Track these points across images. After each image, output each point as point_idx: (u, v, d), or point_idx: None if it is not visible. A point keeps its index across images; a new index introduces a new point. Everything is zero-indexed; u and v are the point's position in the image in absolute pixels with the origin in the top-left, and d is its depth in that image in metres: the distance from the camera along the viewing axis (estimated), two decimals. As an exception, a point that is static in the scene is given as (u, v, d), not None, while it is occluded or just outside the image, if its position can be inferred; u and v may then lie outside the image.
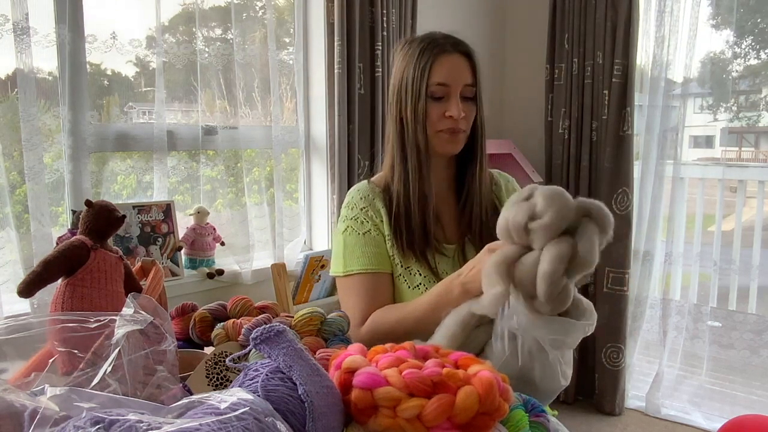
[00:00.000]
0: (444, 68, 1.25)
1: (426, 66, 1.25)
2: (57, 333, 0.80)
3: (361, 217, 1.31)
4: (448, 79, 1.25)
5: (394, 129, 1.31)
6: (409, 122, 1.27)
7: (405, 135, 1.29)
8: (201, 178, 2.17)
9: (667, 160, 2.75)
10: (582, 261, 0.91)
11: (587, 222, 0.93)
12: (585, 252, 0.91)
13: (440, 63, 1.25)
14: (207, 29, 2.18)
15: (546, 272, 0.90)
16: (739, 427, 1.42)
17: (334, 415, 0.68)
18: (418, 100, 1.26)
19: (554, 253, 0.90)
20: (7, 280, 1.70)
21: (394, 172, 1.32)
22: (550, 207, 0.92)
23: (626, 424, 2.77)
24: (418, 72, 1.25)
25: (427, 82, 1.25)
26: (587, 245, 0.91)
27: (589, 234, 0.92)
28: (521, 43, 3.14)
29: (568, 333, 0.94)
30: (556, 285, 0.90)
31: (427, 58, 1.25)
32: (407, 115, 1.28)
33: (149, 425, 0.53)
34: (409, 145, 1.29)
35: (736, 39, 2.88)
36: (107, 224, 1.06)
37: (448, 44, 1.27)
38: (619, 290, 2.77)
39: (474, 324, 1.00)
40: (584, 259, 0.91)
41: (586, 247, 0.91)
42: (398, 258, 1.29)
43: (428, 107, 1.26)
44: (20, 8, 1.60)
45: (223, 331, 1.01)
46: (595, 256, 0.92)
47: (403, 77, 1.29)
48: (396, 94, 1.30)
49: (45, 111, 1.78)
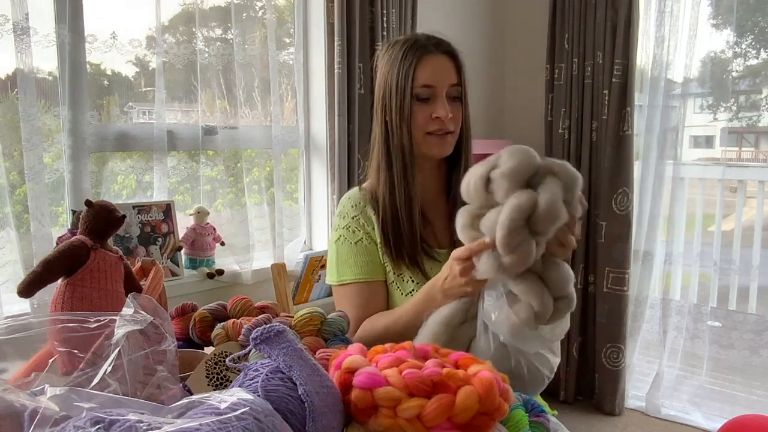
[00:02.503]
0: (428, 69, 1.24)
1: (410, 68, 1.23)
2: (57, 333, 0.80)
3: (352, 226, 1.30)
4: (433, 80, 1.24)
5: (380, 132, 1.29)
6: (395, 126, 1.26)
7: (390, 139, 1.27)
8: (201, 178, 2.17)
9: (667, 160, 2.75)
10: (543, 214, 0.88)
11: (550, 177, 0.92)
12: (546, 204, 0.88)
13: (424, 64, 1.24)
14: (207, 29, 2.18)
15: (503, 221, 0.89)
16: (739, 427, 1.42)
17: (334, 415, 0.68)
18: (403, 103, 1.24)
19: (513, 202, 0.89)
20: (7, 280, 1.70)
21: (380, 177, 1.30)
22: (510, 158, 0.92)
23: (626, 424, 2.77)
24: (402, 74, 1.24)
25: (412, 84, 1.23)
26: (548, 197, 0.89)
27: (550, 187, 0.90)
28: (521, 43, 3.14)
29: (535, 346, 0.95)
30: (514, 235, 0.88)
31: (410, 60, 1.24)
32: (392, 119, 1.26)
33: (149, 425, 0.53)
34: (394, 150, 1.27)
35: (736, 39, 2.88)
36: (107, 224, 1.06)
37: (431, 44, 1.26)
38: (619, 290, 2.77)
39: (458, 322, 1.01)
40: (545, 211, 0.88)
41: (546, 199, 0.88)
42: (390, 265, 1.28)
43: (414, 109, 1.24)
44: (20, 8, 1.60)
45: (223, 331, 1.01)
46: (558, 211, 0.89)
47: (387, 80, 1.27)
48: (381, 98, 1.29)
49: (45, 111, 1.78)
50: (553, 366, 1.02)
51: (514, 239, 0.89)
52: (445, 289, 1.06)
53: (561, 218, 0.90)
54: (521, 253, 0.89)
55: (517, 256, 0.89)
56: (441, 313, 1.02)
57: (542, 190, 0.90)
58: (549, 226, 0.90)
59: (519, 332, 0.92)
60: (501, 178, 0.90)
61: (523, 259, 0.90)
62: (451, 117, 1.25)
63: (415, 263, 1.27)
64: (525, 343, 0.94)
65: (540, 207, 0.89)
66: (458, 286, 1.01)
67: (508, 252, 0.89)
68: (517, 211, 0.88)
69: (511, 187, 0.90)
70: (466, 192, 0.96)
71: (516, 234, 0.89)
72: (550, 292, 0.93)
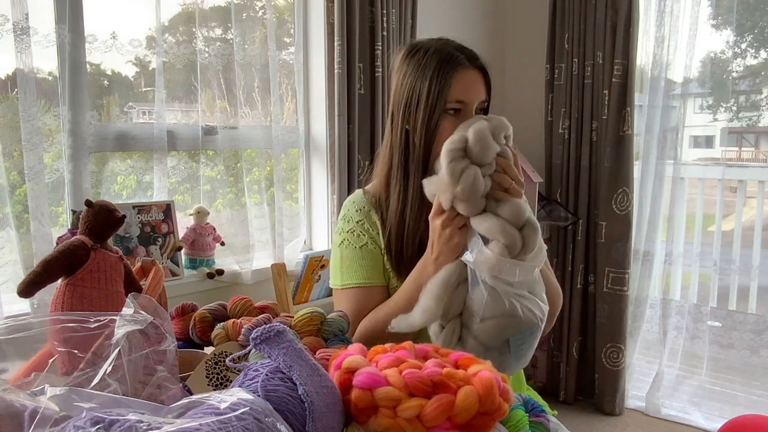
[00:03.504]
0: (462, 85, 1.20)
1: (445, 83, 1.19)
2: (57, 333, 0.80)
3: (357, 230, 1.29)
4: (466, 96, 1.20)
5: (398, 141, 1.25)
6: (420, 136, 1.21)
7: (410, 149, 1.24)
8: (201, 178, 2.17)
9: (667, 160, 2.75)
10: (473, 142, 1.06)
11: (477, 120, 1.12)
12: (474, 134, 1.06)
13: (459, 79, 1.19)
14: (207, 29, 2.18)
15: (443, 154, 1.07)
16: (739, 427, 1.42)
17: (334, 415, 0.68)
18: (432, 116, 1.19)
19: (448, 140, 1.09)
20: (7, 280, 1.70)
21: (391, 186, 1.27)
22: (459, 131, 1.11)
23: (626, 424, 2.77)
24: (435, 87, 1.19)
25: (445, 99, 1.19)
26: (475, 128, 1.07)
27: (476, 124, 1.08)
28: (521, 43, 3.14)
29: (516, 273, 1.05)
30: (456, 164, 1.05)
31: (445, 72, 1.19)
32: (417, 129, 1.21)
33: (149, 425, 0.53)
34: (414, 161, 1.23)
35: (736, 39, 2.87)
36: (107, 224, 1.06)
37: (464, 58, 1.22)
38: (619, 290, 2.77)
39: (454, 283, 1.08)
40: (474, 140, 1.06)
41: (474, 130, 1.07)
42: (393, 271, 1.28)
43: (441, 122, 1.20)
44: (20, 8, 1.60)
45: (223, 331, 1.01)
46: (486, 137, 1.07)
47: (414, 89, 1.22)
48: (404, 106, 1.23)
49: (45, 111, 1.78)
50: (544, 311, 1.09)
51: (457, 168, 1.05)
52: (437, 254, 1.12)
53: (490, 146, 1.06)
54: (466, 179, 1.04)
55: (464, 183, 1.04)
56: (437, 278, 1.08)
57: (470, 128, 1.09)
58: (482, 153, 1.06)
59: (497, 265, 1.03)
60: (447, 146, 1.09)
61: (469, 185, 1.04)
62: None
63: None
64: (507, 273, 1.03)
65: (470, 138, 1.06)
66: (446, 242, 1.10)
67: (454, 180, 1.04)
68: (451, 143, 1.07)
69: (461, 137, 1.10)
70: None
71: (457, 163, 1.05)
72: (511, 224, 1.05)
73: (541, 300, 1.10)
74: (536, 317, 1.07)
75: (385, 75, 2.34)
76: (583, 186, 2.82)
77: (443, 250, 1.11)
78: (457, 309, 1.07)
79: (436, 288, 1.06)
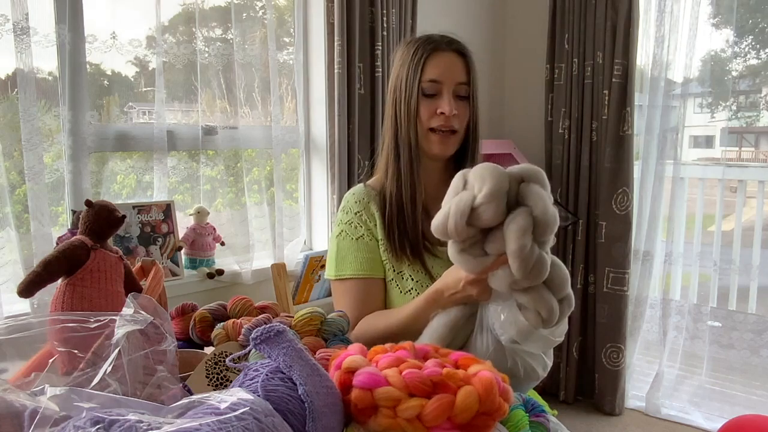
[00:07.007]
0: (437, 65, 1.25)
1: (419, 62, 1.25)
2: (57, 333, 0.80)
3: (355, 222, 1.31)
4: (441, 75, 1.25)
5: (389, 127, 1.32)
6: (402, 120, 1.27)
7: (398, 132, 1.29)
8: (201, 178, 2.17)
9: (667, 160, 2.75)
10: (543, 223, 0.90)
11: (527, 185, 0.93)
12: (542, 214, 0.90)
13: (433, 60, 1.26)
14: (207, 29, 2.18)
15: (514, 251, 0.90)
16: (739, 427, 1.42)
17: (334, 415, 0.68)
18: (410, 97, 1.26)
19: (515, 227, 0.90)
20: (7, 280, 1.70)
21: (388, 171, 1.31)
22: (483, 181, 0.92)
23: (626, 424, 2.77)
24: (412, 69, 1.26)
25: (419, 79, 1.25)
26: (541, 205, 0.91)
27: (536, 195, 0.91)
28: (521, 43, 3.14)
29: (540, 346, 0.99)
30: (528, 259, 0.90)
31: (420, 54, 1.26)
32: (401, 112, 1.28)
33: (149, 425, 0.53)
34: (402, 143, 1.29)
35: (736, 38, 2.88)
36: (107, 224, 1.06)
37: (443, 42, 1.28)
38: (619, 290, 2.77)
39: (461, 325, 1.03)
40: (544, 222, 0.90)
41: (540, 208, 0.90)
42: (391, 262, 1.29)
43: (420, 104, 1.26)
44: (20, 8, 1.60)
45: (223, 331, 1.01)
46: (554, 215, 0.91)
47: (398, 75, 1.30)
48: (392, 92, 1.31)
49: (45, 111, 1.78)
50: (547, 364, 1.04)
51: (530, 262, 0.90)
52: (459, 295, 1.06)
53: (556, 220, 0.92)
54: (537, 269, 0.91)
55: (534, 273, 0.92)
56: (448, 316, 1.04)
57: (531, 201, 0.91)
58: (550, 233, 0.92)
59: (527, 335, 0.95)
60: (487, 203, 0.91)
61: (541, 273, 0.92)
62: (455, 114, 1.25)
63: (417, 257, 1.27)
64: (531, 344, 0.97)
65: (538, 219, 0.90)
66: (475, 294, 1.02)
67: (528, 277, 0.91)
68: (523, 234, 0.89)
69: (499, 206, 0.91)
70: (443, 232, 0.96)
71: (530, 256, 0.90)
72: (553, 294, 0.95)
73: (547, 356, 1.04)
74: (536, 375, 1.02)
75: (385, 75, 2.34)
76: (583, 186, 2.82)
77: (466, 297, 1.04)
78: (456, 346, 1.03)
79: (443, 328, 1.03)
